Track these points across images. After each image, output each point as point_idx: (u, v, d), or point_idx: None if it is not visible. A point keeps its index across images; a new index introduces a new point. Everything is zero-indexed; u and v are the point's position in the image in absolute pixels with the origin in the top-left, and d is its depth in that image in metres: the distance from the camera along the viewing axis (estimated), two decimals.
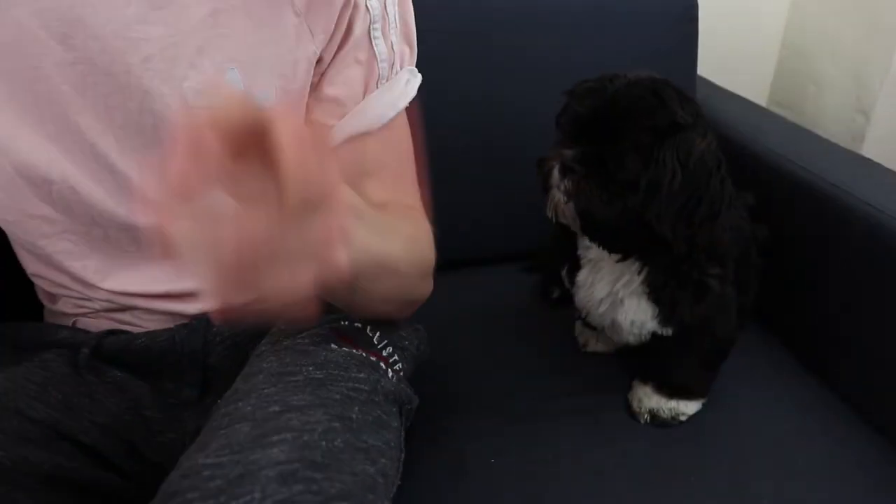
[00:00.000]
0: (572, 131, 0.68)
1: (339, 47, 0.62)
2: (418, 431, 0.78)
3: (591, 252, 0.79)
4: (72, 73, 0.56)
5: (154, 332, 0.68)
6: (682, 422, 0.83)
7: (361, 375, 0.59)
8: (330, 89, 0.63)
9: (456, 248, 1.13)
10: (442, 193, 0.82)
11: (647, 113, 0.65)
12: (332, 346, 0.61)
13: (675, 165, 0.64)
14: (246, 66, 0.58)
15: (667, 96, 0.66)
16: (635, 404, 0.84)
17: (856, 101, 1.32)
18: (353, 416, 0.53)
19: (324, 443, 0.49)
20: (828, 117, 1.40)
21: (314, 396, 0.53)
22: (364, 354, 0.63)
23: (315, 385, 0.55)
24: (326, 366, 0.58)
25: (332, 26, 0.60)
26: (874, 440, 0.83)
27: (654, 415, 0.83)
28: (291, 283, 0.35)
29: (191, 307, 0.68)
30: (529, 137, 0.73)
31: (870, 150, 1.29)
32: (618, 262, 0.75)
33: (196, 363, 0.69)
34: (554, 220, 0.72)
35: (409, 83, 0.68)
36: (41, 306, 0.76)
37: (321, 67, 0.63)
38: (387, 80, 0.66)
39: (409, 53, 0.69)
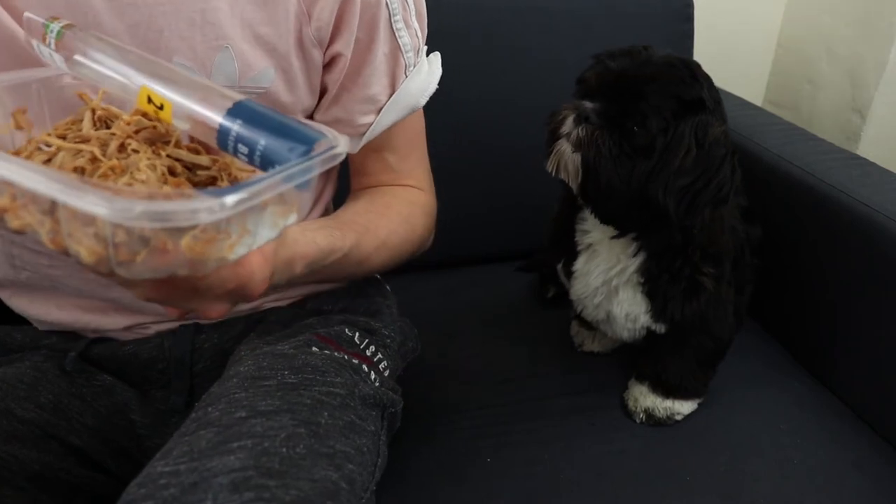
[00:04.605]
0: (596, 88, 0.67)
1: (367, 50, 0.61)
2: (413, 431, 0.78)
3: (588, 237, 0.78)
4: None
5: (141, 339, 0.67)
6: (677, 421, 0.83)
7: (338, 380, 0.59)
8: (364, 90, 0.63)
9: (452, 248, 1.13)
10: (438, 192, 0.82)
11: (677, 82, 0.65)
12: (314, 349, 0.61)
13: (692, 141, 0.64)
14: (242, 44, 0.55)
15: (699, 74, 0.66)
16: (631, 404, 0.84)
17: (851, 100, 1.32)
18: (322, 420, 0.53)
19: (284, 449, 0.49)
20: (823, 117, 1.40)
21: (283, 401, 0.53)
22: (346, 357, 0.62)
23: (287, 389, 0.55)
24: (303, 370, 0.58)
25: (331, 17, 0.58)
26: (871, 439, 0.83)
27: (649, 414, 0.83)
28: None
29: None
30: (525, 136, 0.73)
31: (865, 150, 1.30)
32: (612, 238, 0.73)
33: (183, 371, 0.68)
34: (554, 173, 0.69)
35: (431, 65, 0.69)
36: None
37: (342, 63, 0.61)
38: (413, 66, 0.66)
39: (424, 31, 0.67)
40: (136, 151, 0.39)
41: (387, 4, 0.60)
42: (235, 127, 0.39)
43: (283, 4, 0.56)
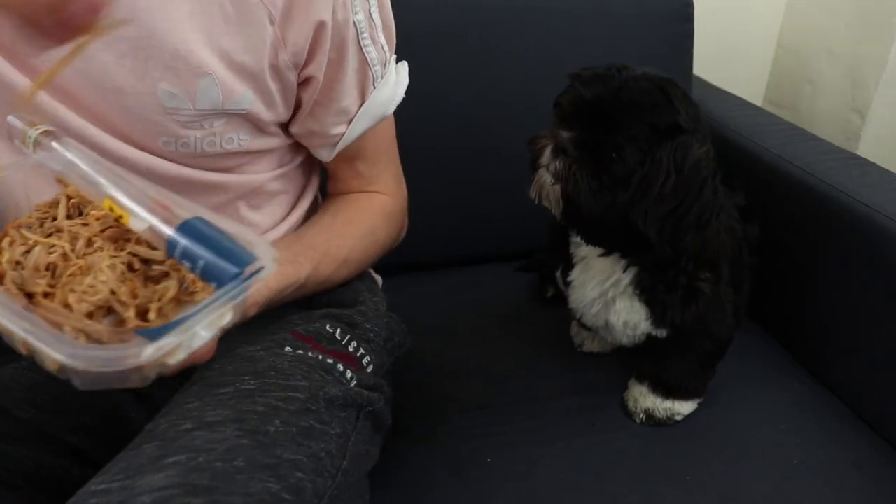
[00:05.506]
0: (572, 115, 0.67)
1: (338, 68, 0.64)
2: (413, 431, 0.78)
3: (581, 249, 0.78)
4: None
5: None
6: (677, 421, 0.83)
7: (302, 383, 0.58)
8: (336, 103, 0.67)
9: (452, 248, 1.14)
10: (437, 193, 0.83)
11: (651, 109, 0.64)
12: (286, 349, 0.61)
13: (671, 167, 0.63)
14: (223, 72, 0.58)
15: (674, 96, 0.65)
16: (631, 404, 0.84)
17: (851, 100, 1.32)
18: (271, 429, 0.52)
19: (219, 463, 0.48)
20: (823, 117, 1.40)
21: (233, 410, 0.53)
22: (320, 357, 0.62)
23: (241, 397, 0.54)
24: (265, 374, 0.58)
25: (305, 44, 0.60)
26: (871, 439, 0.83)
27: (649, 414, 0.83)
28: None
29: None
30: (524, 137, 0.73)
31: (865, 150, 1.30)
32: (600, 256, 0.74)
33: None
34: (537, 201, 0.71)
35: (399, 75, 0.72)
36: None
37: (315, 83, 0.64)
38: (381, 78, 0.69)
39: (391, 42, 0.70)
40: (101, 249, 0.46)
41: (354, 24, 0.63)
42: (182, 242, 0.45)
43: (258, 33, 0.58)
